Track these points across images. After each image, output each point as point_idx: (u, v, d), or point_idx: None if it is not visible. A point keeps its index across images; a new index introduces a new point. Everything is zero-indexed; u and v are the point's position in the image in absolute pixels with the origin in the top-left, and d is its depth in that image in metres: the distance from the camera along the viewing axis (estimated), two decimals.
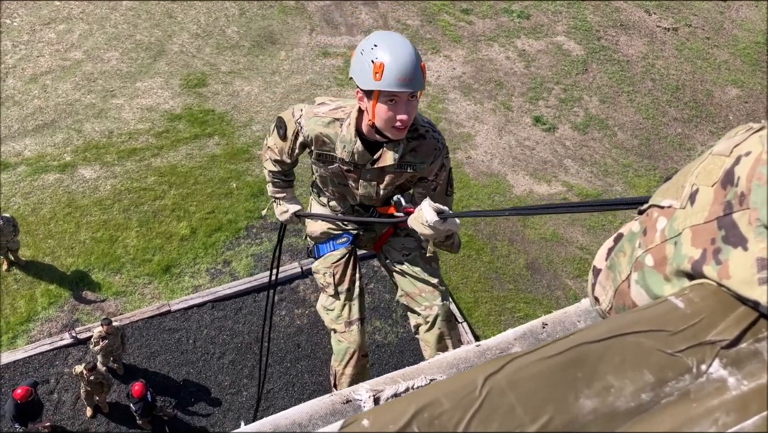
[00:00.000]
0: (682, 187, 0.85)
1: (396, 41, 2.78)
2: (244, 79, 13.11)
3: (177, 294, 9.36)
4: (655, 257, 0.85)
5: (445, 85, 13.74)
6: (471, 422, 0.61)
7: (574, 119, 13.47)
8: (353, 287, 3.51)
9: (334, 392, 1.91)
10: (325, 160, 3.20)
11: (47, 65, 12.79)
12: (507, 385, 0.64)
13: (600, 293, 1.03)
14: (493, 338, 2.01)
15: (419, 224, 2.84)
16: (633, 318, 0.73)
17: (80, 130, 11.58)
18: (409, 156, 3.08)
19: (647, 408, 0.64)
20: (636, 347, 0.69)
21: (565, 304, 10.13)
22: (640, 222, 0.94)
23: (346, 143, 3.05)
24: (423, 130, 3.07)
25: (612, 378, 0.66)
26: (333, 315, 3.46)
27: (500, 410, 0.62)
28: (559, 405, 0.63)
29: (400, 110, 2.82)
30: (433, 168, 3.15)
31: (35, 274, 9.40)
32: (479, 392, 0.63)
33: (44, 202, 10.32)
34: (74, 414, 8.08)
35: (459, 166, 11.99)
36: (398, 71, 2.71)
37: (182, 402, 8.34)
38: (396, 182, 3.21)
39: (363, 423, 0.61)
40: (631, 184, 12.28)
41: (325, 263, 3.55)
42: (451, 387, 0.64)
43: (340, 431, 0.61)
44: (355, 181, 3.21)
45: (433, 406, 0.62)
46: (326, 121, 3.08)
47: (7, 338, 8.68)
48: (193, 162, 11.25)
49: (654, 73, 14.88)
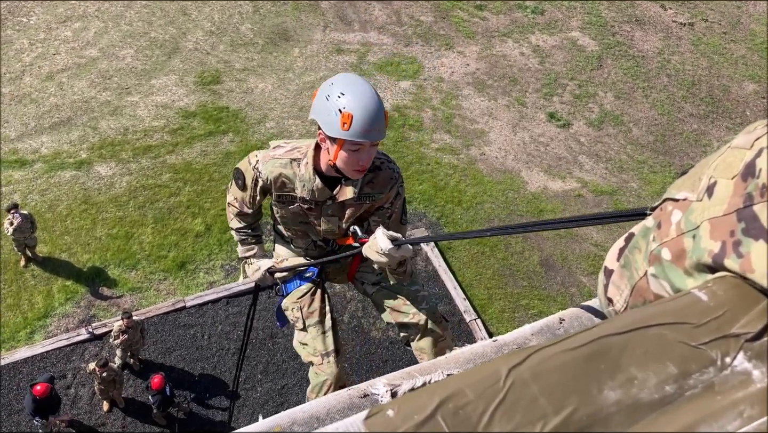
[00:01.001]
0: (698, 180, 0.85)
1: (363, 90, 2.81)
2: (258, 77, 13.15)
3: (192, 290, 9.42)
4: (672, 250, 0.85)
5: (458, 82, 13.71)
6: (495, 413, 0.62)
7: (588, 115, 13.39)
8: (324, 319, 3.51)
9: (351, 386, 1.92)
10: (286, 201, 3.23)
11: (63, 63, 12.89)
12: (530, 376, 0.64)
13: (614, 293, 1.02)
14: (510, 334, 2.01)
15: (374, 252, 2.92)
16: (655, 310, 0.73)
17: (96, 127, 11.67)
18: (367, 188, 3.15)
19: (671, 400, 0.64)
20: (659, 339, 0.69)
21: (579, 300, 10.08)
22: (654, 217, 0.93)
23: (305, 182, 3.10)
24: (378, 162, 3.14)
25: (635, 370, 0.66)
26: (309, 349, 3.47)
27: (524, 401, 0.63)
28: (583, 397, 0.63)
29: (363, 157, 2.90)
30: (389, 196, 3.22)
31: (52, 270, 9.49)
32: (503, 383, 0.64)
33: (61, 199, 10.42)
34: (91, 409, 8.16)
35: (473, 163, 11.97)
36: (365, 123, 2.76)
37: (198, 397, 8.40)
38: (356, 215, 3.26)
39: (388, 413, 0.62)
40: (646, 180, 12.20)
41: (292, 299, 3.58)
42: (474, 378, 0.64)
43: (365, 425, 0.62)
44: (317, 218, 3.26)
45: (457, 397, 0.62)
46: (283, 162, 3.11)
47: (25, 333, 8.78)
48: (207, 159, 11.31)
49: (670, 68, 14.76)
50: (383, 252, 2.88)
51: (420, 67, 13.95)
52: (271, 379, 8.60)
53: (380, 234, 2.92)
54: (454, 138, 12.43)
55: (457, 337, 9.29)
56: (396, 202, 3.30)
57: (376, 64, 13.82)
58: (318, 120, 2.90)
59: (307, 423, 1.73)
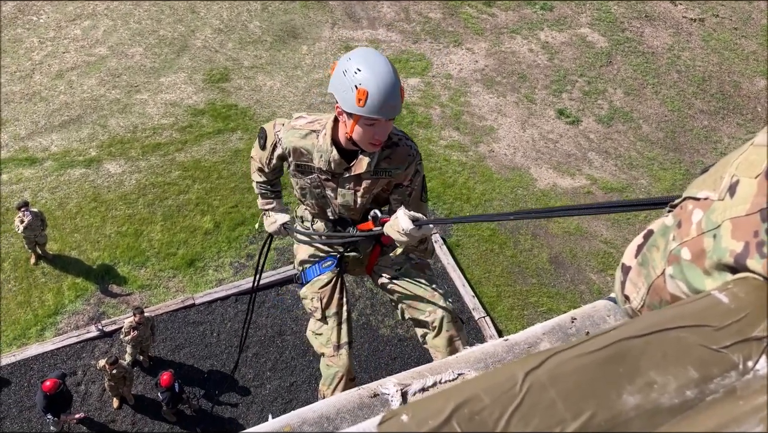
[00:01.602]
0: (720, 178, 0.83)
1: (380, 67, 2.84)
2: (266, 74, 13.16)
3: (201, 288, 9.44)
4: (692, 250, 0.83)
5: (467, 78, 13.67)
6: (511, 418, 0.60)
7: (598, 112, 13.33)
8: (341, 311, 3.54)
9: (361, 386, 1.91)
10: (304, 171, 3.30)
11: (73, 61, 12.93)
12: (548, 380, 0.63)
13: (631, 290, 1.01)
14: (521, 333, 2.00)
15: (395, 231, 2.97)
16: (675, 313, 0.71)
17: (105, 125, 11.71)
18: (383, 163, 3.19)
19: (692, 405, 0.63)
20: (679, 343, 0.67)
21: (588, 298, 10.05)
22: (674, 215, 0.92)
23: (323, 153, 3.16)
24: (396, 138, 3.18)
25: (655, 374, 0.64)
26: (322, 339, 3.50)
27: (541, 406, 0.61)
28: (602, 401, 0.62)
29: (379, 132, 2.95)
30: (408, 174, 3.26)
31: (62, 267, 9.53)
32: (519, 387, 0.62)
33: (70, 196, 10.46)
34: (101, 405, 8.20)
35: (481, 160, 11.94)
36: (381, 99, 2.81)
37: (207, 394, 8.42)
38: (373, 189, 3.28)
39: (402, 419, 0.61)
40: (656, 177, 12.13)
41: (312, 289, 3.59)
42: (490, 382, 0.63)
43: (378, 430, 0.60)
44: (333, 190, 3.30)
45: (472, 401, 0.61)
46: (303, 133, 3.19)
47: (36, 331, 8.82)
48: (216, 157, 11.33)
49: (680, 64, 14.66)
50: (404, 232, 2.92)
51: (428, 64, 13.92)
52: (280, 376, 8.61)
53: (401, 214, 2.96)
54: (462, 135, 12.40)
55: (465, 334, 9.27)
56: (415, 180, 3.32)
57: None
58: (335, 94, 2.94)
59: (317, 423, 1.73)
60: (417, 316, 3.47)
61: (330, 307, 3.53)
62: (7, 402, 8.11)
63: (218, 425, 8.19)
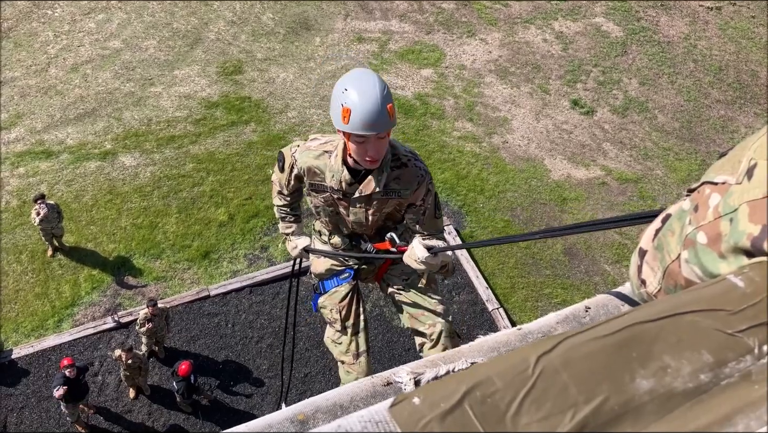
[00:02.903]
0: (738, 162, 0.82)
1: (365, 85, 2.93)
2: (279, 66, 13.16)
3: (216, 279, 9.50)
4: (709, 234, 0.82)
5: (480, 69, 13.60)
6: (524, 401, 0.60)
7: (613, 102, 13.22)
8: (358, 321, 3.72)
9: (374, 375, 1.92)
10: (318, 190, 3.43)
11: (87, 55, 13.01)
12: (560, 364, 0.62)
13: (648, 274, 1.00)
14: (535, 322, 1.99)
15: (412, 260, 3.16)
16: (689, 297, 0.71)
17: (120, 118, 11.78)
18: (393, 183, 3.28)
19: (706, 389, 0.62)
20: (693, 327, 0.66)
21: (603, 289, 9.98)
22: (691, 199, 0.91)
23: (335, 172, 3.27)
24: (405, 159, 3.28)
25: (669, 358, 0.64)
26: (341, 348, 3.69)
27: (553, 390, 0.61)
28: (615, 385, 0.61)
29: (370, 149, 3.04)
30: (419, 194, 3.34)
31: (78, 259, 9.62)
32: (532, 370, 0.62)
33: (86, 189, 10.54)
34: (118, 396, 8.29)
35: (495, 151, 11.89)
36: (363, 117, 2.90)
37: (222, 385, 8.49)
38: (384, 209, 3.40)
39: (413, 401, 0.60)
40: (671, 168, 12.03)
41: (331, 300, 3.74)
42: (503, 366, 0.62)
43: (390, 412, 0.60)
44: (346, 208, 3.42)
45: (485, 384, 0.60)
46: (317, 154, 3.32)
47: (53, 322, 8.92)
48: (230, 149, 11.36)
49: (696, 53, 14.50)
50: (420, 260, 3.10)
51: (442, 54, 13.86)
52: (294, 367, 8.64)
53: (417, 243, 3.15)
54: (476, 126, 12.35)
55: (479, 326, 9.27)
56: (427, 199, 3.40)
57: (398, 53, 13.75)
58: (331, 116, 3.09)
59: (330, 411, 1.73)
60: (417, 327, 3.62)
61: (349, 318, 3.70)
62: (26, 392, 8.22)
63: (233, 415, 8.25)
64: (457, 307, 9.46)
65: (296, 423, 1.71)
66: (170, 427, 8.18)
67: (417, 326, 3.61)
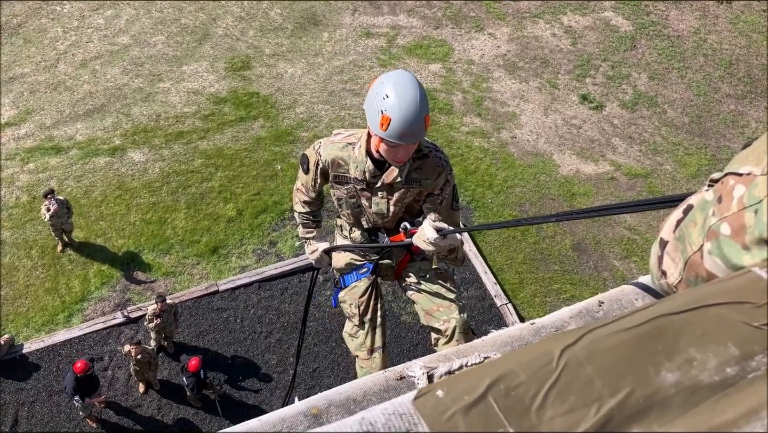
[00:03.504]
0: (763, 153, 0.81)
1: (407, 96, 2.97)
2: (287, 62, 13.16)
3: (225, 274, 9.52)
4: (732, 225, 0.82)
5: (489, 64, 13.55)
6: (548, 394, 0.59)
7: (622, 97, 13.16)
8: (376, 317, 3.77)
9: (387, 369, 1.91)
10: (341, 181, 3.51)
11: (96, 50, 13.04)
12: (584, 357, 0.62)
13: (669, 265, 0.99)
14: (548, 316, 1.98)
15: (421, 241, 3.22)
16: (714, 290, 0.70)
17: (129, 114, 11.81)
18: (414, 173, 3.37)
19: (733, 383, 0.61)
20: (718, 320, 0.66)
21: (612, 284, 9.95)
22: (714, 190, 0.90)
23: (359, 163, 3.37)
24: (426, 150, 3.36)
25: (694, 351, 0.63)
26: (357, 342, 3.75)
27: (578, 383, 0.60)
28: (639, 378, 0.61)
29: (400, 152, 3.16)
30: (438, 183, 3.44)
31: (88, 255, 9.66)
32: (556, 363, 0.61)
33: (95, 185, 10.58)
34: (127, 390, 8.32)
35: (503, 146, 11.85)
36: (402, 128, 2.98)
37: (231, 380, 8.51)
38: (404, 199, 3.48)
39: (437, 394, 0.60)
40: (681, 163, 11.97)
41: (351, 295, 3.80)
42: (526, 358, 0.62)
43: (413, 405, 0.60)
44: (368, 199, 3.50)
45: (508, 377, 0.60)
46: (341, 146, 3.41)
47: (64, 317, 8.97)
48: (238, 145, 11.38)
49: (706, 48, 14.40)
50: (430, 241, 3.15)
51: (450, 49, 13.82)
52: (303, 362, 8.66)
53: (427, 225, 3.19)
54: (484, 121, 12.31)
55: (487, 321, 9.26)
56: (446, 189, 3.49)
57: (406, 48, 13.72)
58: (366, 112, 3.15)
59: (343, 405, 1.73)
60: (433, 323, 3.64)
61: (367, 313, 3.75)
62: (37, 387, 8.27)
63: (242, 410, 8.28)
64: (465, 302, 9.44)
65: (309, 417, 1.71)
66: (179, 421, 8.21)
67: (432, 322, 3.65)
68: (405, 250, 3.72)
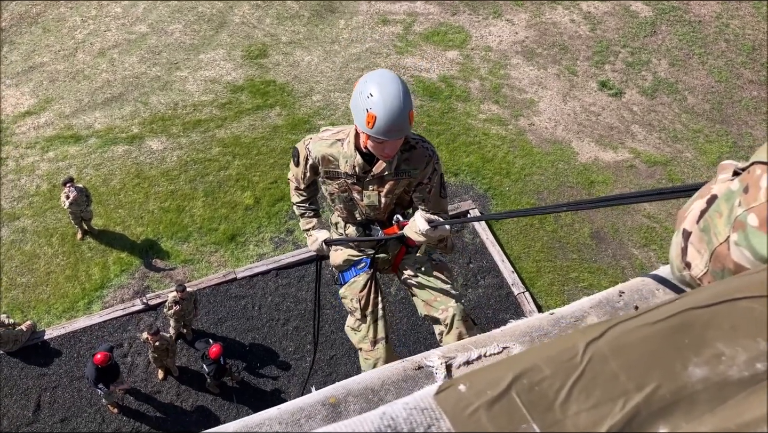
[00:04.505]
0: None
1: (390, 94, 3.09)
2: (304, 49, 13.13)
3: (242, 262, 9.57)
4: (760, 216, 0.80)
5: (507, 51, 13.44)
6: (572, 389, 0.58)
7: (642, 83, 13.00)
8: (377, 309, 3.88)
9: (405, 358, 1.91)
10: (332, 177, 3.63)
11: (114, 39, 13.10)
12: (610, 351, 0.60)
13: (693, 256, 0.97)
14: (568, 307, 1.96)
15: (413, 232, 3.41)
16: (743, 282, 0.68)
17: (146, 102, 11.87)
18: (403, 165, 3.49)
19: (762, 378, 0.60)
20: (748, 314, 0.64)
21: (631, 273, 9.89)
22: (740, 180, 0.88)
23: (348, 158, 3.48)
24: (413, 142, 3.48)
25: (722, 345, 0.62)
26: (360, 336, 3.86)
27: (603, 378, 0.59)
28: (666, 373, 0.59)
29: (387, 147, 3.28)
30: (426, 172, 3.53)
31: (107, 242, 9.75)
32: (581, 358, 0.60)
33: (114, 173, 10.66)
34: (147, 377, 8.42)
35: (521, 134, 11.77)
36: (387, 124, 3.11)
37: (249, 367, 8.57)
38: (395, 190, 3.58)
39: (459, 388, 0.59)
40: (701, 150, 11.81)
41: (351, 290, 3.91)
42: (550, 352, 0.61)
43: (435, 400, 0.59)
44: (360, 192, 3.61)
45: (532, 372, 0.59)
46: (330, 143, 3.53)
47: (84, 304, 9.07)
48: (255, 133, 11.40)
49: (728, 33, 14.17)
50: (421, 232, 3.34)
51: (467, 36, 13.71)
52: (320, 349, 8.70)
53: (418, 216, 3.38)
54: (502, 108, 12.23)
55: (504, 310, 9.24)
56: (433, 178, 3.58)
57: (423, 35, 13.64)
58: (352, 111, 3.28)
59: (361, 394, 1.73)
60: (432, 313, 3.75)
61: (368, 307, 3.86)
62: (58, 372, 8.39)
63: (260, 397, 8.34)
64: (482, 291, 9.43)
65: (328, 406, 1.71)
66: (198, 408, 8.29)
67: (432, 312, 3.74)
68: (400, 243, 3.83)
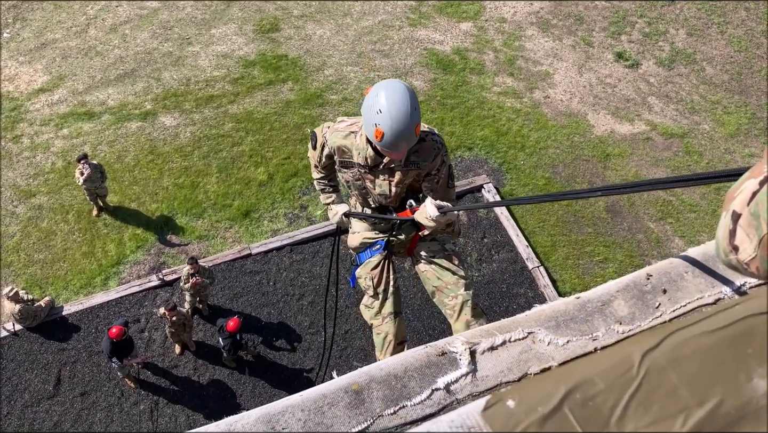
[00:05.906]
0: None
1: (399, 110, 3.23)
2: (316, 23, 12.99)
3: (257, 238, 9.58)
4: None
5: (521, 22, 13.22)
6: (629, 404, 0.55)
7: (659, 54, 12.77)
8: (388, 287, 4.06)
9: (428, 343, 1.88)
10: (347, 166, 3.84)
11: (125, 15, 13.01)
12: (667, 362, 0.57)
13: (742, 240, 0.90)
14: (594, 290, 1.92)
15: (423, 217, 3.60)
16: None
17: (159, 78, 11.81)
18: (413, 157, 3.64)
19: None
20: None
21: (646, 247, 9.81)
22: None
23: (360, 150, 3.67)
24: (423, 134, 3.61)
25: None
26: (372, 312, 4.04)
27: (661, 391, 0.55)
28: (729, 386, 0.55)
29: (395, 155, 3.49)
30: (435, 164, 3.71)
31: (123, 219, 9.79)
32: (636, 370, 0.56)
33: (128, 149, 10.66)
34: (164, 351, 8.50)
35: (536, 107, 11.63)
36: (394, 139, 3.30)
37: (265, 341, 8.63)
38: (405, 180, 3.76)
39: (508, 404, 0.56)
40: (719, 122, 11.63)
41: (365, 269, 4.10)
42: (604, 365, 0.57)
43: (483, 417, 0.56)
44: (372, 182, 3.81)
45: (585, 386, 0.55)
46: (344, 134, 3.73)
47: (101, 280, 9.14)
48: (268, 108, 11.33)
49: (748, 1, 13.85)
50: (431, 218, 3.53)
51: (481, 7, 13.50)
52: (335, 324, 8.73)
53: (429, 203, 3.58)
54: (516, 81, 12.07)
55: (519, 284, 9.21)
56: (442, 169, 3.75)
57: (436, 6, 13.44)
58: (362, 118, 3.45)
59: (384, 381, 1.71)
60: (442, 299, 3.91)
61: (380, 284, 4.04)
62: (77, 347, 8.49)
63: (276, 371, 8.40)
64: (496, 265, 9.40)
65: (350, 393, 1.69)
66: (215, 382, 8.37)
67: (442, 298, 3.90)
68: (414, 229, 4.01)
